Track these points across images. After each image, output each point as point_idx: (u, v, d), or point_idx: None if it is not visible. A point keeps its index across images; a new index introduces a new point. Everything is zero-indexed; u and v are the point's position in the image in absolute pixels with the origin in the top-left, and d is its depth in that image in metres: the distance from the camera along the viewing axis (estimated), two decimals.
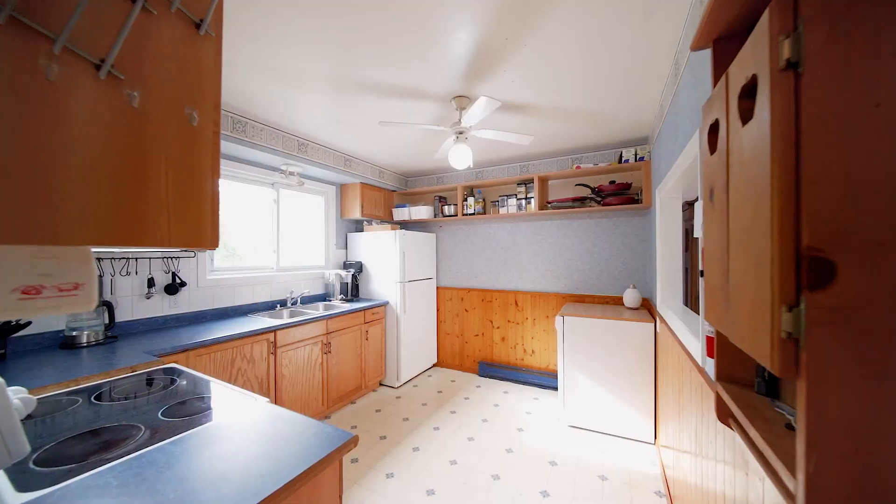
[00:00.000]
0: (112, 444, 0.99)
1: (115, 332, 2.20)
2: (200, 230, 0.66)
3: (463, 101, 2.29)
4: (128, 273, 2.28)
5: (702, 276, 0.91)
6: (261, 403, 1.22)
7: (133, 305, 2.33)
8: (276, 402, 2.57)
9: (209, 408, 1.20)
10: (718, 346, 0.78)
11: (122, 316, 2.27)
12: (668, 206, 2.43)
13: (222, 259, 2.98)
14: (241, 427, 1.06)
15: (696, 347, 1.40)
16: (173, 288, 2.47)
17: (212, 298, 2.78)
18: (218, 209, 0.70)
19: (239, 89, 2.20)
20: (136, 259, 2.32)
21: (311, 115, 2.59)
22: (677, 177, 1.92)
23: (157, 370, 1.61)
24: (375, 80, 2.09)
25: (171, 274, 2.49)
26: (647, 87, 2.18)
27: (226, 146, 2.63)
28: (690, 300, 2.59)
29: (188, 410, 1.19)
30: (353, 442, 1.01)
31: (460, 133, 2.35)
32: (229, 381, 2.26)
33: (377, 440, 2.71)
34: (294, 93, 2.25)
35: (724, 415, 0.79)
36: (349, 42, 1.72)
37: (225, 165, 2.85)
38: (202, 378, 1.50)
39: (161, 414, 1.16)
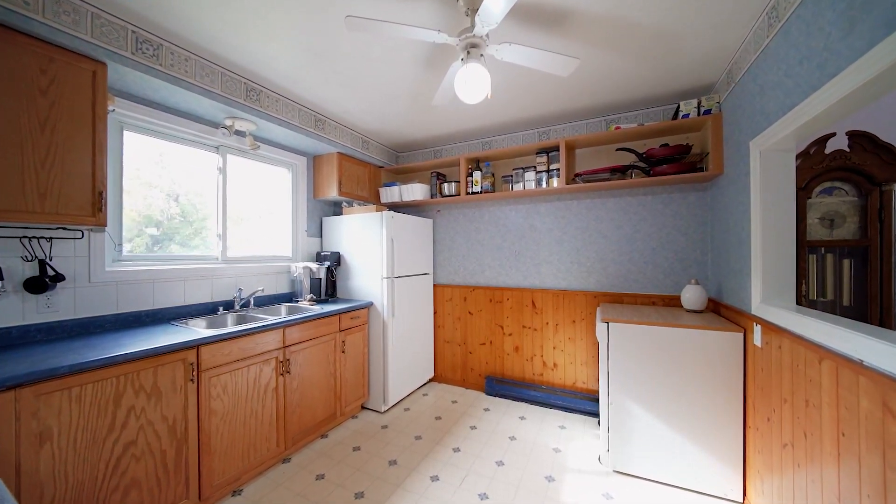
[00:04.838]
0: None
1: None
2: None
3: None
4: None
5: None
6: None
7: None
8: (200, 452, 1.75)
9: None
10: None
11: None
12: (775, 162, 1.66)
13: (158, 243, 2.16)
14: None
15: None
16: (40, 283, 1.64)
17: (115, 299, 1.95)
18: None
19: None
20: None
21: (259, 31, 1.77)
22: (832, 102, 1.14)
23: None
24: None
25: (37, 262, 1.67)
26: None
27: (132, 79, 1.81)
28: (806, 299, 1.82)
29: None
30: None
31: (473, 47, 1.55)
32: (113, 430, 1.45)
33: (351, 500, 1.91)
34: None
35: None
36: None
37: (134, 111, 2.02)
38: None
39: None
